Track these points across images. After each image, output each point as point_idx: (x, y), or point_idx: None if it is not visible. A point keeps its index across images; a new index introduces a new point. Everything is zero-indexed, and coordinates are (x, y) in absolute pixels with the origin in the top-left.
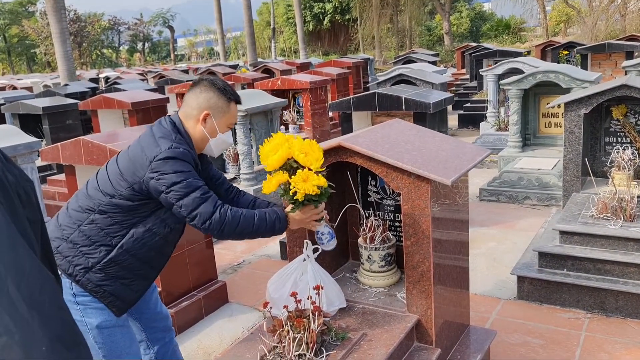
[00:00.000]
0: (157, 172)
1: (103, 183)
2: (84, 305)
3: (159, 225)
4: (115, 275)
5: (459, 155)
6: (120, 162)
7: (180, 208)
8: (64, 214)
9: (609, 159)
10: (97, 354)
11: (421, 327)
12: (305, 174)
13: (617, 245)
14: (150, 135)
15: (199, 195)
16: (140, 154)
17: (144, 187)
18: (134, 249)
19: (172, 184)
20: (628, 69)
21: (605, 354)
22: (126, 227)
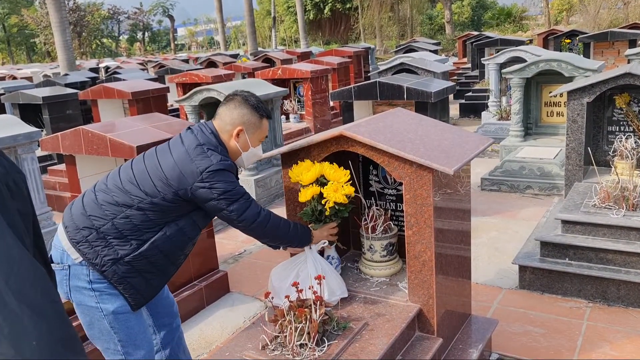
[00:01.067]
0: (209, 182)
1: (142, 181)
2: (100, 291)
3: (190, 226)
4: (141, 269)
5: (462, 144)
6: (165, 165)
7: (230, 213)
8: (93, 204)
9: (611, 148)
10: (112, 339)
11: (423, 316)
12: (335, 185)
13: (620, 235)
14: (196, 142)
15: (245, 200)
16: (189, 163)
17: (190, 194)
18: (163, 246)
19: (223, 192)
20: (631, 57)
21: (607, 343)
22: (160, 224)
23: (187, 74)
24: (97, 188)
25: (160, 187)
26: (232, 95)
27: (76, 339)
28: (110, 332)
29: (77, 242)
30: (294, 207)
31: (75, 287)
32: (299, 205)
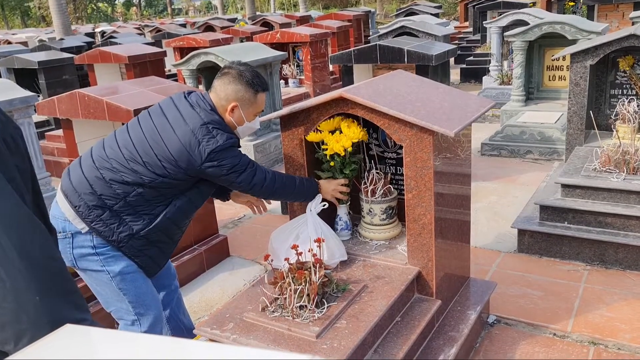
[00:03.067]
0: (217, 160)
1: (150, 161)
2: (104, 255)
3: (197, 196)
4: (155, 240)
5: (463, 107)
6: (171, 146)
7: (240, 183)
8: (100, 182)
9: (613, 111)
10: (122, 300)
11: (422, 279)
12: (337, 136)
13: (619, 198)
14: (200, 122)
15: (251, 168)
16: (196, 145)
17: (199, 172)
18: (174, 216)
19: (231, 166)
20: (635, 20)
21: (604, 305)
22: (170, 197)
23: (185, 38)
24: (99, 165)
25: (170, 169)
26: (227, 67)
27: (78, 294)
28: (119, 294)
29: (91, 221)
30: (293, 172)
31: (79, 255)
32: (298, 170)
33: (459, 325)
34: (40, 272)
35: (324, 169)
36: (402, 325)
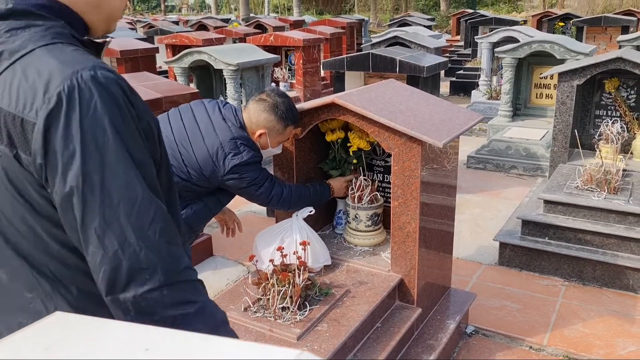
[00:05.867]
0: (238, 174)
1: (175, 164)
2: None
3: (214, 203)
4: None
5: (452, 119)
6: (199, 155)
7: (259, 195)
8: None
9: (597, 131)
10: None
11: (404, 286)
12: (361, 133)
13: (599, 217)
14: (230, 136)
15: (270, 182)
16: (222, 157)
17: (221, 183)
18: (190, 220)
19: (251, 180)
20: (622, 44)
21: (580, 321)
22: (188, 201)
23: (178, 35)
24: None
25: (194, 175)
26: (266, 95)
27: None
28: None
29: None
30: (281, 174)
31: None
32: (286, 172)
33: (437, 334)
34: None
35: (329, 167)
36: (382, 331)
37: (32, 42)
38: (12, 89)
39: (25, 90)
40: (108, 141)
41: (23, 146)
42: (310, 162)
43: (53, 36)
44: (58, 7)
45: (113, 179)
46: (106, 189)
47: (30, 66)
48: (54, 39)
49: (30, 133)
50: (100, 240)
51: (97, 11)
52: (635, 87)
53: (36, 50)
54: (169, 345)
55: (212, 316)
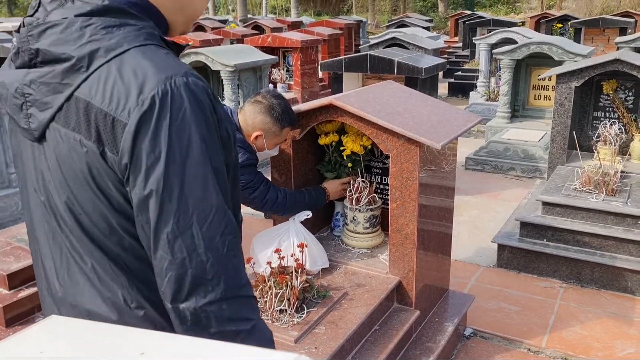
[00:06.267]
0: None
1: None
2: None
3: None
4: None
5: (450, 120)
6: None
7: (254, 199)
8: None
9: (595, 133)
10: None
11: (402, 289)
12: (355, 136)
13: (597, 219)
14: None
15: (264, 186)
16: None
17: None
18: None
19: (246, 183)
20: (620, 45)
21: (578, 323)
22: None
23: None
24: None
25: None
26: (262, 97)
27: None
28: None
29: None
30: (279, 175)
31: None
32: (284, 174)
33: (436, 337)
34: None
35: (325, 170)
36: (381, 334)
37: (127, 41)
38: (107, 87)
39: (120, 89)
40: (192, 149)
41: (110, 144)
42: (308, 163)
43: (146, 37)
44: (148, 6)
45: (192, 188)
46: (184, 196)
47: (125, 66)
48: (146, 40)
49: (120, 132)
50: (170, 246)
51: (180, 13)
52: (633, 88)
53: (131, 50)
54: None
55: (263, 335)
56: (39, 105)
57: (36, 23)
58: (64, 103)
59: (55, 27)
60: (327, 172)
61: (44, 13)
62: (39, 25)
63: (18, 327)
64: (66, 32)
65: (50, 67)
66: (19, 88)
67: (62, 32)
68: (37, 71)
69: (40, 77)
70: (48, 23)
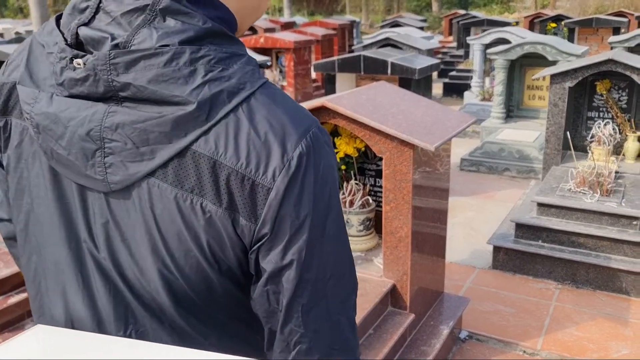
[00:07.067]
0: None
1: None
2: None
3: None
4: None
5: (444, 122)
6: None
7: None
8: None
9: (590, 133)
10: None
11: (396, 292)
12: (348, 139)
13: (592, 219)
14: None
15: None
16: None
17: None
18: None
19: None
20: (614, 45)
21: (573, 324)
22: None
23: None
24: None
25: None
26: None
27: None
28: None
29: None
30: None
31: None
32: None
33: (431, 340)
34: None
35: None
36: (375, 338)
37: (249, 81)
38: (240, 143)
39: (257, 147)
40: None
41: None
42: None
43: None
44: (234, 21)
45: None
46: (322, 263)
47: (257, 115)
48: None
49: (263, 198)
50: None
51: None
52: (627, 88)
53: (257, 95)
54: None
55: None
56: (128, 156)
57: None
58: (173, 157)
59: (155, 58)
60: None
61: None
62: (129, 53)
63: (7, 334)
64: (172, 67)
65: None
66: (95, 130)
67: (166, 66)
68: (127, 112)
69: (135, 122)
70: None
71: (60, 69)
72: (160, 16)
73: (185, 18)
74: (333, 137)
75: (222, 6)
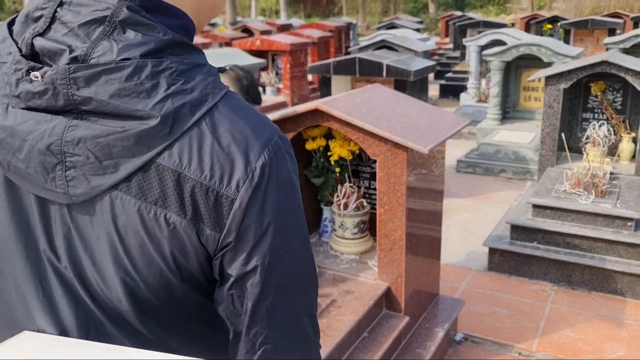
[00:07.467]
0: None
1: None
2: None
3: None
4: None
5: (438, 124)
6: None
7: None
8: None
9: (584, 134)
10: None
11: (391, 295)
12: (342, 141)
13: (587, 220)
14: None
15: None
16: None
17: None
18: None
19: None
20: (609, 46)
21: (569, 325)
22: None
23: None
24: None
25: None
26: (228, 68)
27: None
28: None
29: None
30: None
31: None
32: None
33: (426, 343)
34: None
35: (313, 175)
36: (370, 341)
37: (211, 93)
38: (204, 156)
39: (221, 159)
40: (294, 213)
41: (212, 222)
42: None
43: (219, 82)
44: (193, 29)
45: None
46: (286, 268)
47: (220, 128)
48: (222, 87)
49: (227, 209)
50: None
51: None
52: (622, 90)
53: (219, 106)
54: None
55: None
56: (90, 169)
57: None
58: (137, 171)
59: (116, 72)
60: (314, 178)
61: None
62: (90, 67)
63: None
64: (134, 81)
65: (114, 123)
66: (56, 144)
67: (127, 80)
68: (89, 127)
69: (98, 137)
70: (103, 65)
71: (15, 81)
72: (119, 28)
73: (146, 30)
74: (327, 139)
75: (181, 14)
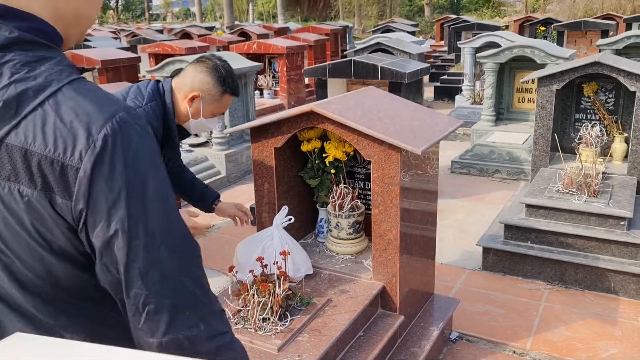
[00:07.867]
0: None
1: None
2: None
3: None
4: None
5: (431, 125)
6: None
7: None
8: None
9: (577, 135)
10: None
11: (386, 294)
12: (337, 143)
13: (580, 220)
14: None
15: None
16: None
17: None
18: None
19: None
20: (602, 48)
21: (562, 324)
22: None
23: (160, 44)
24: None
25: None
26: (205, 57)
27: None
28: None
29: None
30: (262, 182)
31: None
32: (267, 181)
33: (421, 341)
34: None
35: (308, 176)
36: (365, 340)
37: (56, 79)
38: (47, 132)
39: (64, 133)
40: (149, 181)
41: (62, 191)
42: (291, 170)
43: (69, 71)
44: (53, 32)
45: (155, 220)
46: (150, 230)
47: (63, 107)
48: (71, 74)
49: (73, 178)
50: (143, 281)
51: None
52: (614, 90)
53: (63, 89)
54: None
55: (239, 346)
56: None
57: None
58: None
59: None
60: (310, 179)
61: None
62: None
63: None
64: None
65: None
66: None
67: None
68: None
69: None
70: None
71: None
72: None
73: None
74: (323, 141)
75: (33, 17)
